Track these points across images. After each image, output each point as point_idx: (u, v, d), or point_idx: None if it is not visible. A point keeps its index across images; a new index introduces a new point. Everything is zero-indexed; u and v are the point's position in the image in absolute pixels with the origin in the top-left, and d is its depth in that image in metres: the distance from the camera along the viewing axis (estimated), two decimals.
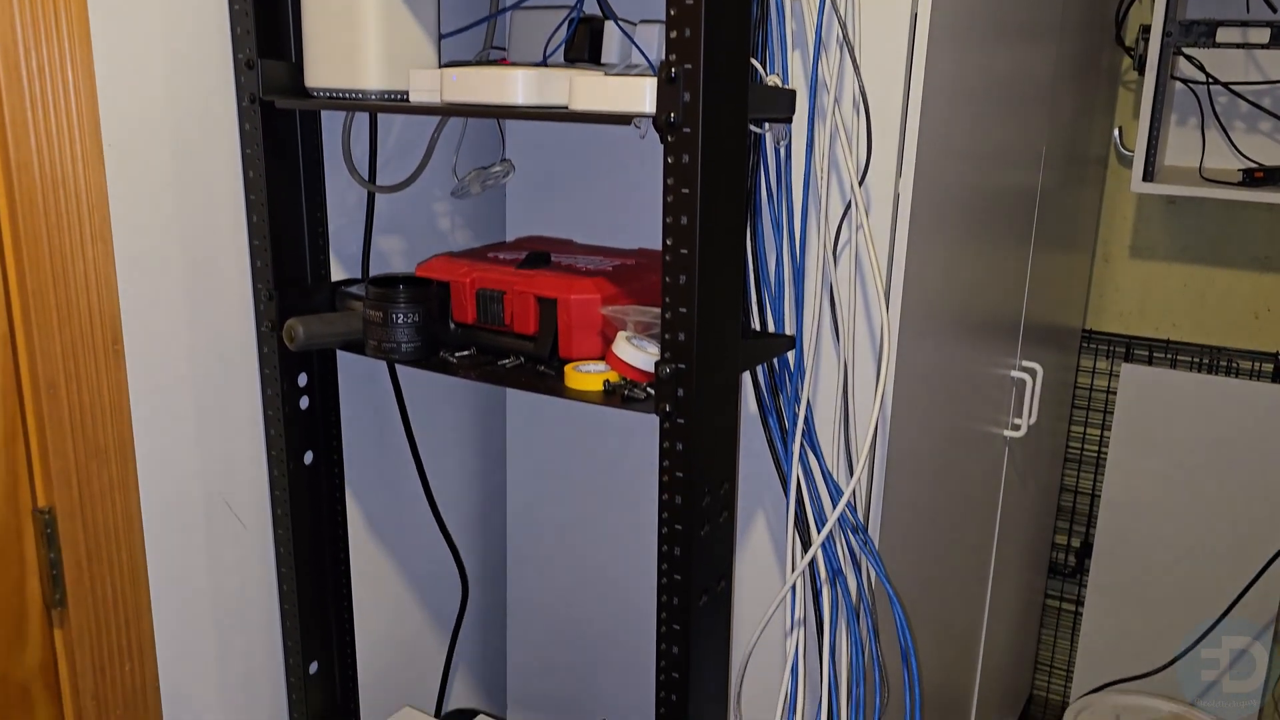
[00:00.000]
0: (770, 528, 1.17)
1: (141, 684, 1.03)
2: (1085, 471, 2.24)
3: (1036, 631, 2.33)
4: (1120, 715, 1.81)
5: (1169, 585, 2.13)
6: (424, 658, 1.42)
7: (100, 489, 0.96)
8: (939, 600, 1.50)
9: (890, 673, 1.16)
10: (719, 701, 0.96)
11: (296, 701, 1.19)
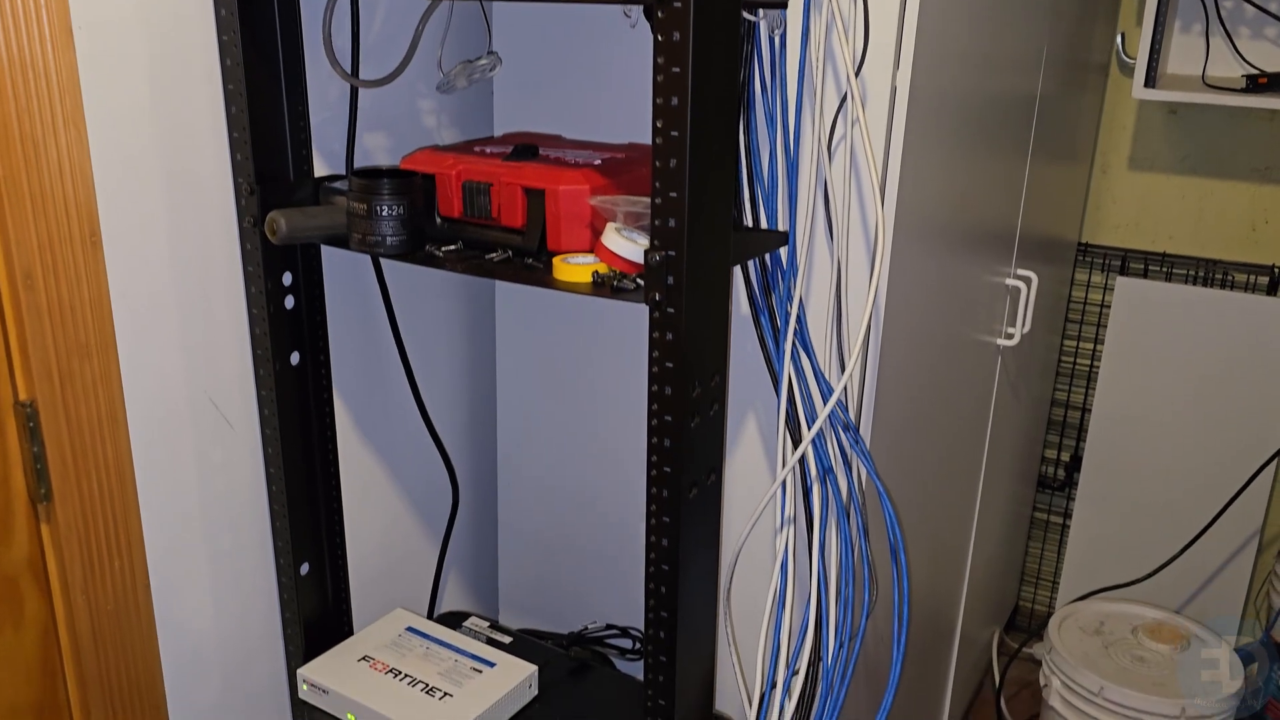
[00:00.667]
0: (761, 429, 1.17)
1: (131, 580, 1.03)
2: (1077, 385, 2.24)
3: (1024, 544, 2.36)
4: (1104, 622, 1.83)
5: (1156, 498, 2.15)
6: (415, 562, 1.43)
7: (83, 384, 0.95)
8: (928, 508, 1.51)
9: (879, 571, 1.17)
10: (708, 596, 0.97)
11: (288, 601, 1.20)
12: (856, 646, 1.04)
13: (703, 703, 1.00)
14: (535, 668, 1.22)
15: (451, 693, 1.16)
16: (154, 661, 1.08)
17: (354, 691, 1.15)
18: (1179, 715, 1.61)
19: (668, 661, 0.92)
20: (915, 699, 1.73)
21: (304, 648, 1.21)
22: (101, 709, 1.03)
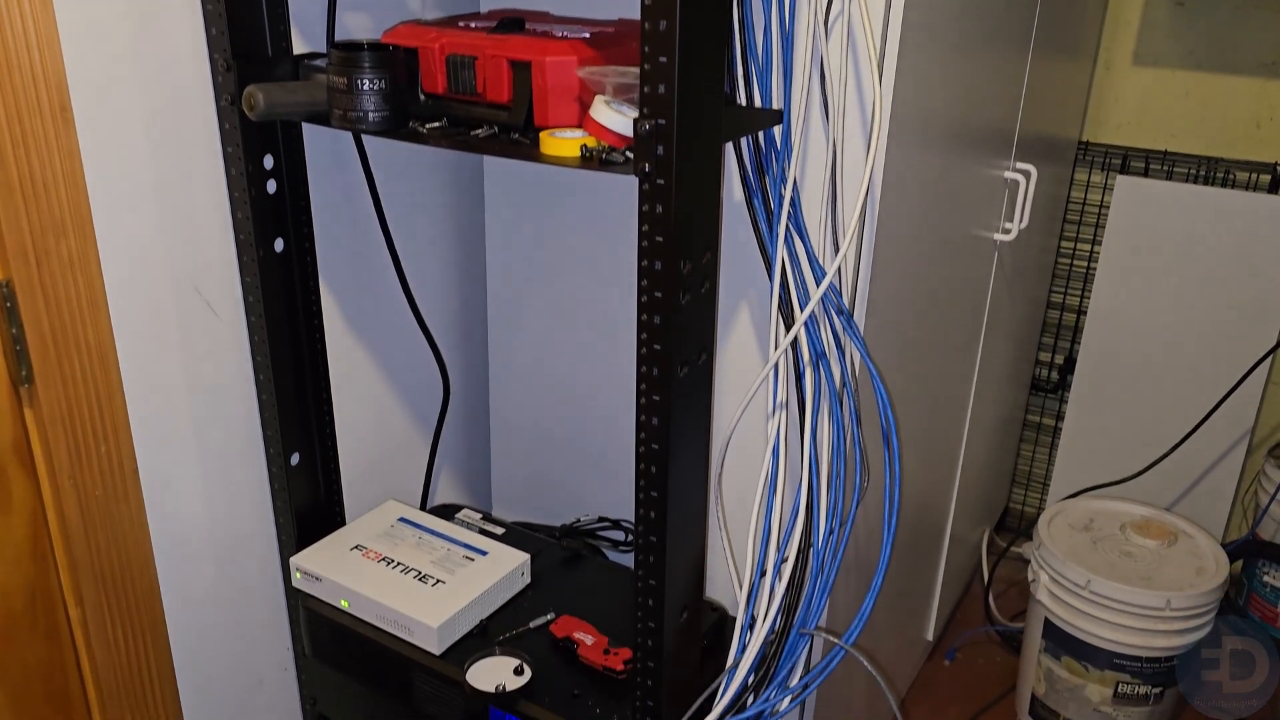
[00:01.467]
0: (754, 318, 1.15)
1: (119, 467, 1.03)
2: (1073, 286, 2.23)
3: (1015, 446, 2.37)
4: (1094, 519, 1.85)
5: (1149, 400, 2.15)
6: (407, 455, 1.42)
7: (60, 265, 0.93)
8: (921, 403, 1.50)
9: (871, 458, 1.16)
10: (699, 478, 0.96)
11: (279, 491, 1.20)
12: (847, 531, 1.04)
13: (694, 588, 1.00)
14: (527, 556, 1.22)
15: (444, 580, 1.16)
16: (145, 548, 1.08)
17: (347, 579, 1.16)
18: (1164, 607, 1.64)
19: (658, 542, 0.92)
20: (904, 597, 1.75)
21: (296, 537, 1.21)
22: (94, 594, 1.04)
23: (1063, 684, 1.78)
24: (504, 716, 1.07)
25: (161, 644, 1.13)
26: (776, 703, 0.97)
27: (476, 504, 1.55)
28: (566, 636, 1.12)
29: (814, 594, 1.01)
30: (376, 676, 1.16)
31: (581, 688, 1.08)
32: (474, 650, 1.11)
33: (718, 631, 1.19)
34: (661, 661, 0.97)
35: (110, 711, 1.08)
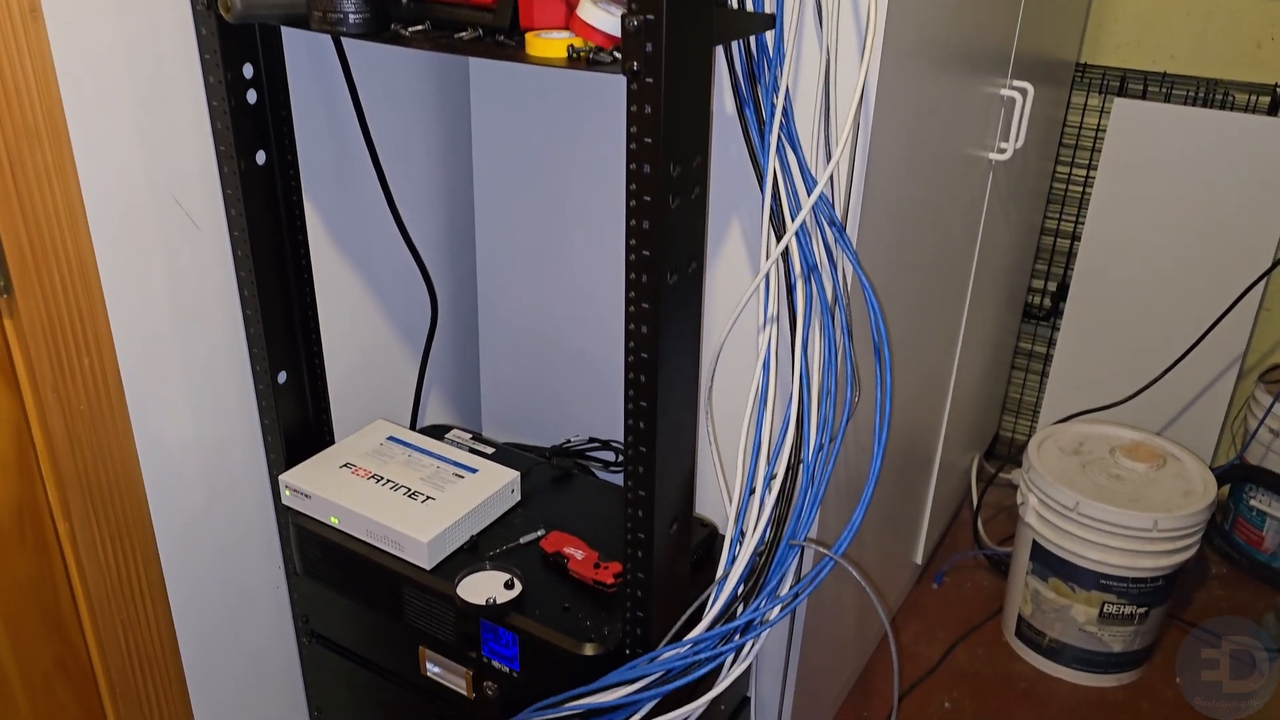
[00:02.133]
0: (745, 234, 1.14)
1: (103, 380, 1.02)
2: (1067, 212, 2.21)
3: (1007, 373, 2.37)
4: (1083, 443, 1.85)
5: (1142, 327, 2.15)
6: (395, 375, 1.42)
7: (34, 171, 0.91)
8: (913, 325, 1.49)
9: (862, 374, 1.16)
10: (688, 390, 0.96)
11: (267, 409, 1.19)
12: (838, 444, 1.04)
13: (683, 500, 1.00)
14: (518, 473, 1.22)
15: (434, 496, 1.16)
16: (132, 463, 1.07)
17: (337, 495, 1.15)
18: (1151, 529, 1.65)
19: (647, 452, 0.92)
20: (894, 520, 1.76)
21: (285, 456, 1.21)
22: (82, 509, 1.03)
23: (1049, 605, 1.80)
24: (495, 629, 1.07)
25: (152, 561, 1.13)
26: (766, 611, 0.98)
27: (466, 426, 1.55)
28: (557, 552, 1.13)
29: (804, 506, 1.01)
30: (367, 593, 1.16)
31: (572, 601, 1.08)
32: (464, 565, 1.11)
33: (708, 548, 1.19)
34: (651, 573, 0.97)
35: (102, 627, 1.09)
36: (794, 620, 1.33)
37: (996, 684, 1.82)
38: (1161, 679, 1.83)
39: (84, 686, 1.10)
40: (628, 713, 0.99)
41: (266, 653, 1.33)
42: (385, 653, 1.22)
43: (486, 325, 1.43)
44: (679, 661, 0.97)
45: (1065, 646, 1.80)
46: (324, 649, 1.28)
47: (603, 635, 1.04)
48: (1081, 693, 1.81)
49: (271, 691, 1.35)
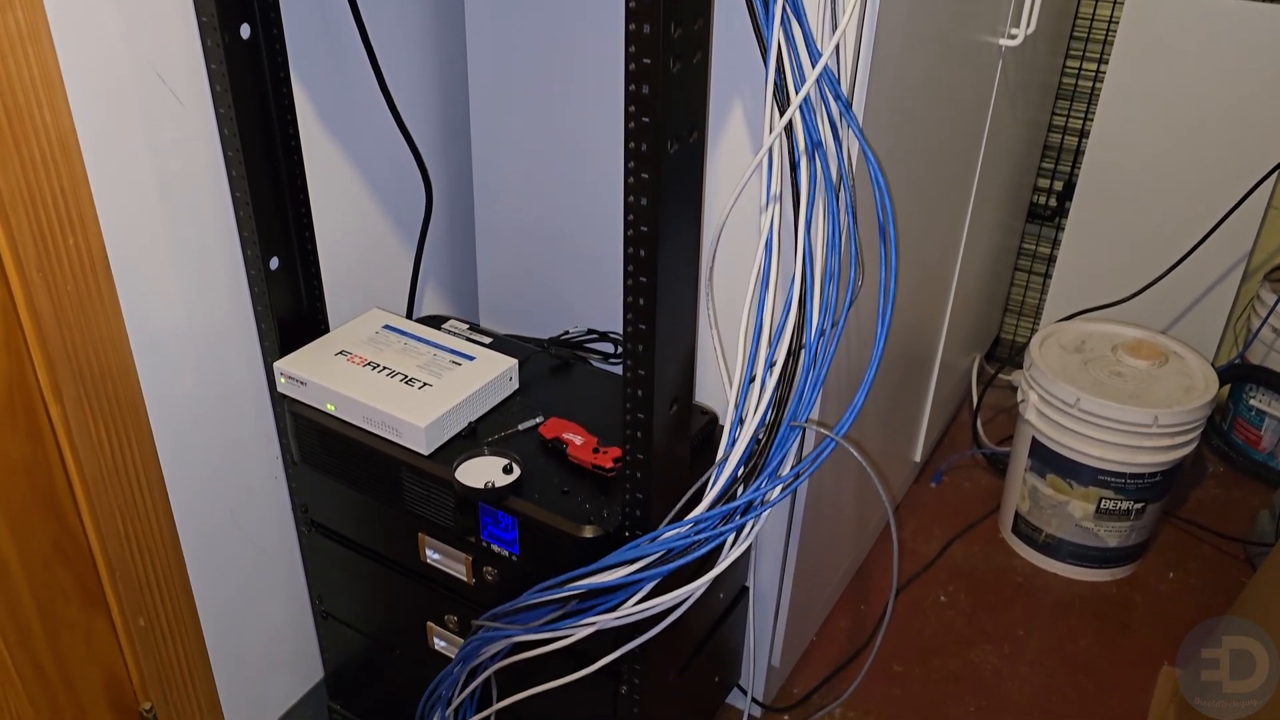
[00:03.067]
0: (747, 112, 1.10)
1: (90, 260, 0.99)
2: (1076, 108, 2.16)
3: (1009, 274, 2.35)
4: (1085, 341, 1.84)
5: (1148, 226, 2.12)
6: (390, 266, 1.39)
7: (7, 37, 0.87)
8: (917, 220, 1.46)
9: (866, 257, 1.14)
10: (688, 266, 0.94)
11: (259, 295, 1.17)
12: (840, 327, 1.02)
13: (683, 381, 0.99)
14: (515, 361, 1.21)
15: (431, 383, 1.15)
16: (124, 348, 1.05)
17: (332, 382, 1.14)
18: (1151, 424, 1.65)
19: (647, 330, 0.90)
20: (893, 420, 1.76)
21: (279, 344, 1.19)
22: (74, 392, 1.02)
23: (1046, 501, 1.80)
24: (493, 513, 1.07)
25: (147, 448, 1.12)
26: (767, 492, 0.97)
27: (462, 314, 1.53)
28: (555, 437, 1.12)
29: (805, 388, 1.00)
30: (365, 480, 1.16)
31: (571, 486, 1.08)
32: (462, 451, 1.10)
33: (707, 435, 1.18)
34: (650, 455, 0.97)
35: (100, 512, 1.08)
36: (793, 506, 1.34)
37: (992, 578, 1.84)
38: (1155, 574, 1.85)
39: (83, 570, 1.11)
40: (629, 593, 0.99)
41: (267, 542, 1.33)
42: (384, 540, 1.22)
43: (483, 216, 1.40)
44: (680, 541, 0.96)
45: (1061, 542, 1.82)
46: (323, 538, 1.28)
47: (602, 518, 1.03)
48: (1076, 587, 1.82)
49: (273, 580, 1.36)
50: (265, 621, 1.37)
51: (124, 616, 1.15)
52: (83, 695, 1.15)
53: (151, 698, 1.21)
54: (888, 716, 1.57)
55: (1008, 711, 1.58)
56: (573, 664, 1.10)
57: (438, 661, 1.24)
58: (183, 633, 1.23)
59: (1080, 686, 1.63)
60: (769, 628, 1.46)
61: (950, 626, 1.73)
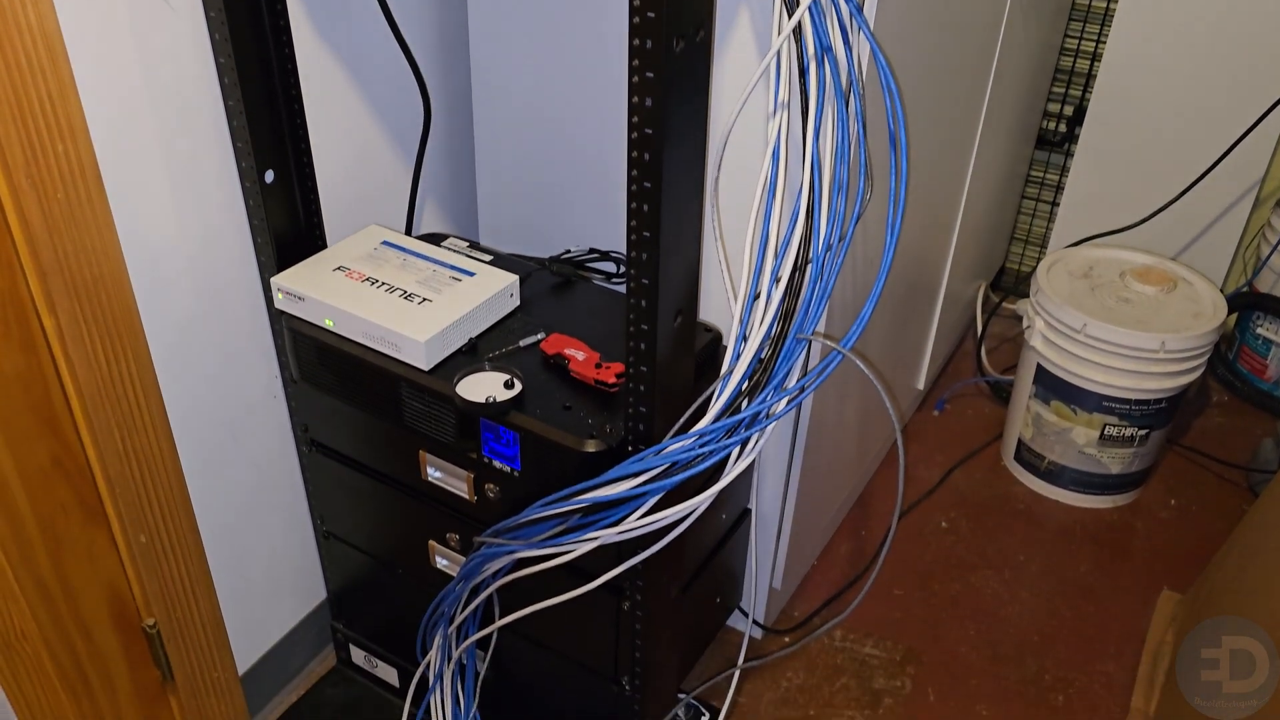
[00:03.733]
0: (754, 17, 1.07)
1: (79, 167, 0.97)
2: (1089, 30, 2.11)
3: (1017, 201, 2.32)
4: (1094, 267, 1.82)
5: (1159, 149, 2.08)
6: (388, 183, 1.36)
7: None
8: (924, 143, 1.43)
9: (875, 170, 1.11)
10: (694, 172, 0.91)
11: (255, 209, 1.14)
12: (849, 238, 1.00)
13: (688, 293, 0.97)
14: (516, 277, 1.19)
15: (430, 299, 1.13)
16: (116, 258, 1.03)
17: (331, 297, 1.12)
18: (1158, 349, 1.63)
19: (651, 237, 0.88)
20: (897, 347, 1.74)
21: (276, 259, 1.17)
22: (67, 304, 1.00)
23: (1050, 428, 1.80)
24: (495, 429, 1.06)
25: (144, 363, 1.11)
26: (772, 404, 0.96)
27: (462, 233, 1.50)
28: (557, 353, 1.10)
29: (812, 301, 0.98)
30: (365, 396, 1.14)
31: (573, 401, 1.06)
32: (463, 367, 1.08)
33: (711, 353, 1.17)
34: (654, 367, 0.95)
35: (97, 426, 1.07)
36: (797, 426, 1.33)
37: (993, 505, 1.84)
38: (1156, 500, 1.85)
39: (82, 485, 1.10)
40: (633, 506, 0.98)
41: (267, 461, 1.32)
42: (385, 459, 1.21)
43: (482, 132, 1.37)
44: (684, 454, 0.95)
45: (1064, 469, 1.81)
46: (324, 457, 1.28)
47: (605, 433, 1.02)
48: (1077, 513, 1.83)
49: (274, 499, 1.36)
50: (267, 541, 1.37)
51: (125, 533, 1.15)
52: (85, 611, 1.15)
53: (155, 614, 1.22)
54: (887, 639, 1.58)
55: (1007, 634, 1.59)
56: (575, 581, 1.09)
57: (440, 580, 1.24)
58: (184, 550, 1.22)
59: (1080, 610, 1.64)
60: (771, 550, 1.46)
61: (951, 552, 1.74)
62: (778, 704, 1.48)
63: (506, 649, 1.27)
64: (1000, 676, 1.53)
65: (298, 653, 1.49)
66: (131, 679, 1.23)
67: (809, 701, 1.48)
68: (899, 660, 1.55)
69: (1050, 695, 1.50)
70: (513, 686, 1.31)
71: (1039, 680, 1.52)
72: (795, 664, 1.53)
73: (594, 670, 1.21)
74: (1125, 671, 1.53)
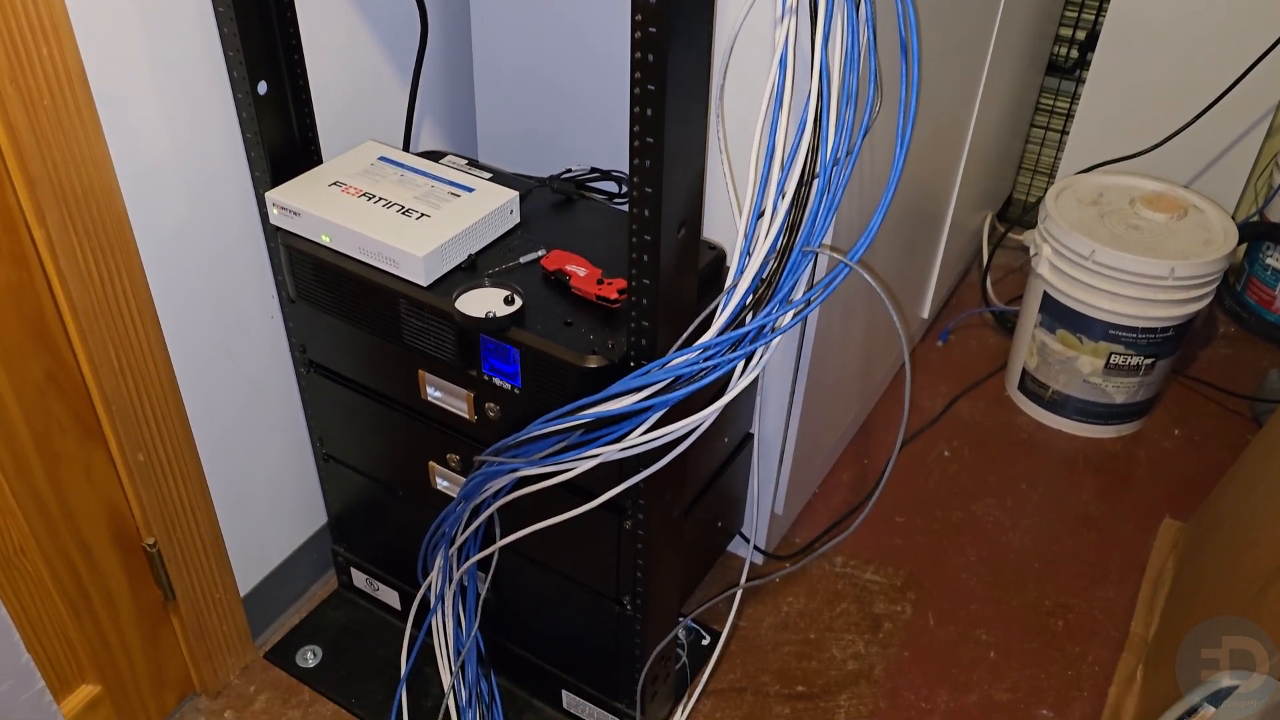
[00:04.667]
0: None
1: (66, 73, 0.94)
2: None
3: (1025, 130, 2.28)
4: (1103, 194, 1.79)
5: (1171, 77, 2.04)
6: (385, 99, 1.33)
7: None
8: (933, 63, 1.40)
9: (885, 81, 1.08)
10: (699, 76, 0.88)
11: (248, 121, 1.11)
12: (857, 148, 0.98)
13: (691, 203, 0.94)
14: (516, 193, 1.16)
15: (429, 214, 1.11)
16: (106, 168, 1.01)
17: (327, 212, 1.10)
18: (1167, 276, 1.61)
19: (655, 143, 0.85)
20: (902, 275, 1.72)
21: (270, 174, 1.14)
22: (57, 215, 0.98)
23: (1055, 357, 1.78)
24: (495, 345, 1.04)
25: (138, 279, 1.09)
26: (778, 318, 0.94)
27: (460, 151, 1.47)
28: (558, 270, 1.08)
29: (819, 213, 0.96)
30: (363, 314, 1.13)
31: (574, 317, 1.04)
32: (462, 283, 1.06)
33: (715, 271, 1.15)
34: (657, 280, 0.93)
35: (91, 342, 1.06)
36: (801, 345, 1.31)
37: (996, 434, 1.84)
38: (1160, 430, 1.84)
39: (78, 402, 1.09)
40: (636, 422, 0.97)
41: (265, 382, 1.31)
42: (384, 378, 1.20)
43: (480, 45, 1.34)
44: (688, 368, 0.94)
45: (1068, 399, 1.80)
46: (322, 378, 1.26)
47: (606, 348, 1.01)
48: (1080, 443, 1.82)
49: (272, 421, 1.35)
50: (266, 463, 1.36)
51: (122, 451, 1.14)
52: (85, 529, 1.14)
53: (155, 533, 1.21)
54: (889, 565, 1.58)
55: (1008, 561, 1.59)
56: (577, 501, 1.09)
57: (440, 502, 1.23)
58: (183, 470, 1.22)
59: (1081, 538, 1.64)
60: (773, 474, 1.45)
61: (953, 480, 1.73)
62: (778, 628, 1.48)
63: (507, 570, 1.27)
64: (1000, 602, 1.53)
65: (299, 576, 1.49)
66: (133, 598, 1.23)
67: (809, 626, 1.49)
68: (900, 586, 1.55)
69: (1050, 620, 1.51)
70: (514, 608, 1.31)
71: (1039, 606, 1.53)
72: (796, 589, 1.54)
73: (595, 590, 1.21)
74: (1125, 598, 1.53)
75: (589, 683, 1.31)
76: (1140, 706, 1.31)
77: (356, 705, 1.37)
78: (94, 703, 1.23)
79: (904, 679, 1.42)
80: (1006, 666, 1.44)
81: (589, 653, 1.29)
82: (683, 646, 1.44)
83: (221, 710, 1.37)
